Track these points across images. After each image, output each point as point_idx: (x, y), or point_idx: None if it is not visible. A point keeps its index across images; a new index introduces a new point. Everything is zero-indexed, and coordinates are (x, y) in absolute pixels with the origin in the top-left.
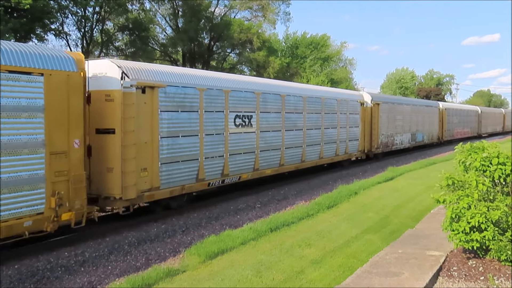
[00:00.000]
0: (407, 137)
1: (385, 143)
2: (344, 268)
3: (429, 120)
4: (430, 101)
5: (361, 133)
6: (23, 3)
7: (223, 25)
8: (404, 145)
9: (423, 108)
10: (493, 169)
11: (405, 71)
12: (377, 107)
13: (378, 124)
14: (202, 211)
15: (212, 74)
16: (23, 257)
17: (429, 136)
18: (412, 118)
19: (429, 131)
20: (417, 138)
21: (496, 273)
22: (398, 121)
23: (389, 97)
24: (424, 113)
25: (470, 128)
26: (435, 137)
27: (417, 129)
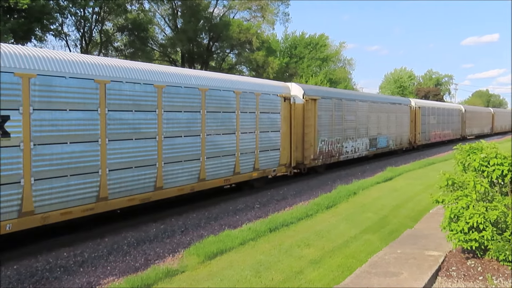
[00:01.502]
0: (363, 143)
1: (328, 152)
2: (343, 268)
3: (396, 121)
4: (398, 98)
5: (284, 139)
6: (21, 3)
7: (222, 26)
8: (359, 153)
9: (387, 106)
10: (491, 169)
11: (403, 71)
12: (313, 104)
13: (315, 126)
14: (201, 211)
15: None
16: (22, 257)
17: (396, 141)
18: (372, 118)
19: (397, 134)
20: (379, 143)
21: (495, 273)
22: (349, 123)
23: (334, 91)
24: (389, 112)
25: (452, 130)
26: (405, 141)
27: (379, 132)
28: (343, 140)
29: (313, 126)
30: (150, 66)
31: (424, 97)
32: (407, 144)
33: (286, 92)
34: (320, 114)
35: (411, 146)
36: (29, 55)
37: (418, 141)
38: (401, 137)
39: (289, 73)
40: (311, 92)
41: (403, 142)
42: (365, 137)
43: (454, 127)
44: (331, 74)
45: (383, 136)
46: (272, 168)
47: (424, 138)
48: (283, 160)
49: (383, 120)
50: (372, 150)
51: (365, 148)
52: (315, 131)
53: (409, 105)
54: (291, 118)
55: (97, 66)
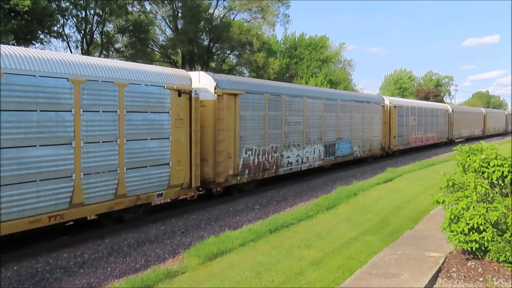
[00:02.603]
0: (315, 150)
1: (259, 164)
2: (343, 269)
3: (363, 123)
4: (367, 95)
5: (179, 151)
6: (21, 5)
7: (222, 27)
8: (309, 163)
9: (350, 104)
10: (491, 170)
11: (403, 72)
12: (232, 101)
13: (235, 131)
14: (202, 212)
15: None
16: (23, 258)
17: (364, 147)
18: (329, 119)
19: (364, 138)
20: (339, 150)
21: (495, 274)
22: (292, 126)
23: (267, 83)
24: (354, 111)
25: (436, 132)
26: (376, 147)
27: (339, 136)
28: (283, 148)
29: (233, 130)
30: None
31: (424, 98)
32: (379, 150)
33: (181, 84)
34: (245, 114)
35: (384, 152)
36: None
37: (393, 146)
38: (370, 142)
39: (289, 74)
40: (228, 84)
41: (373, 148)
42: (319, 144)
43: (440, 129)
44: (331, 75)
45: (345, 141)
46: (156, 191)
47: (402, 142)
48: (176, 180)
49: (345, 121)
50: (329, 159)
51: (318, 157)
52: (236, 138)
53: (382, 103)
54: (191, 120)
55: None
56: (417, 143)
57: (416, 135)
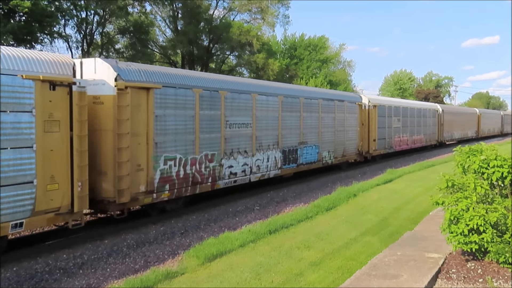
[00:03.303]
0: (270, 157)
1: (187, 177)
2: (343, 270)
3: (335, 124)
4: (340, 92)
5: (51, 163)
6: (21, 6)
7: (222, 27)
8: (261, 173)
9: (316, 102)
10: (491, 171)
11: (403, 73)
12: (143, 97)
13: (149, 135)
14: (201, 213)
15: None
16: (22, 259)
17: (336, 152)
18: (288, 120)
19: (336, 143)
20: (302, 157)
21: (495, 275)
22: (236, 128)
23: (199, 76)
24: (324, 111)
25: (424, 134)
26: (351, 152)
27: (302, 140)
28: (223, 156)
29: (145, 135)
30: None
31: (424, 99)
32: (355, 155)
33: (55, 73)
34: (163, 114)
35: (361, 157)
36: None
37: (373, 150)
38: (343, 147)
39: (289, 74)
40: (137, 75)
41: (347, 153)
42: (274, 149)
43: (428, 131)
44: (331, 76)
45: (311, 146)
46: (11, 221)
47: (383, 146)
48: (47, 203)
49: (310, 123)
50: (290, 168)
51: (274, 165)
52: (150, 144)
53: (359, 102)
54: (72, 122)
55: None
56: (401, 147)
57: (400, 137)
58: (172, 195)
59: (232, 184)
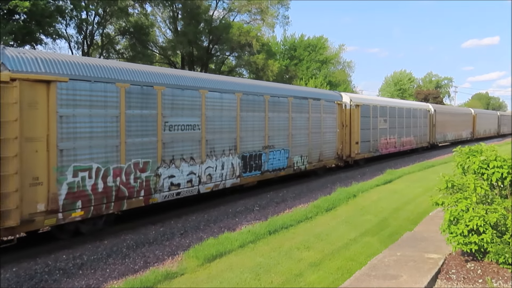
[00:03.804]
0: (225, 165)
1: (106, 191)
2: (342, 271)
3: (309, 125)
4: (315, 90)
5: None
6: (21, 6)
7: (222, 28)
8: (213, 183)
9: (287, 101)
10: (491, 172)
11: (403, 74)
12: (42, 94)
13: (49, 140)
14: (201, 214)
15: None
16: (22, 260)
17: (311, 156)
18: (249, 121)
19: (311, 146)
20: (268, 163)
21: (495, 276)
22: (179, 131)
23: (124, 68)
24: (296, 111)
25: (414, 136)
26: (329, 156)
27: (267, 144)
28: (160, 164)
29: (44, 139)
30: None
31: (424, 100)
32: (334, 160)
33: None
34: (72, 114)
35: (342, 162)
36: None
37: (355, 154)
38: (320, 151)
39: (289, 75)
40: (33, 64)
41: (325, 158)
42: (231, 155)
43: (419, 132)
44: (331, 77)
45: (279, 150)
46: None
47: (368, 149)
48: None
49: (278, 124)
50: (252, 176)
51: (231, 173)
52: (51, 151)
53: (338, 101)
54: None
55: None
56: (389, 149)
57: (387, 139)
58: (88, 213)
59: (174, 197)
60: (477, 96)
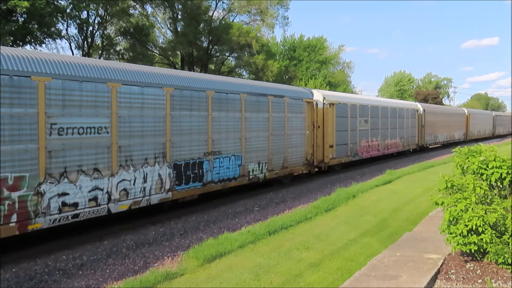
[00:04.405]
0: (148, 176)
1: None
2: (342, 271)
3: (269, 126)
4: (279, 86)
5: None
6: (20, 6)
7: (222, 29)
8: (132, 199)
9: (238, 98)
10: (490, 172)
11: (403, 74)
12: None
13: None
14: (200, 214)
15: None
16: (21, 260)
17: (273, 163)
18: (184, 122)
19: (272, 151)
20: (213, 172)
21: (494, 276)
22: (74, 135)
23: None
24: (252, 110)
25: (401, 138)
26: (297, 162)
27: (211, 150)
28: (43, 178)
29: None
30: None
31: (423, 100)
32: (302, 166)
33: None
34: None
35: (312, 168)
36: None
37: (329, 159)
38: (284, 156)
39: (288, 76)
40: None
41: (291, 164)
42: (159, 164)
43: (406, 133)
44: (330, 77)
45: (228, 156)
46: None
47: (345, 153)
48: None
49: (227, 125)
50: (189, 189)
51: (160, 186)
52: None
53: (307, 99)
54: None
55: None
56: (370, 153)
57: (369, 142)
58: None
59: (70, 220)
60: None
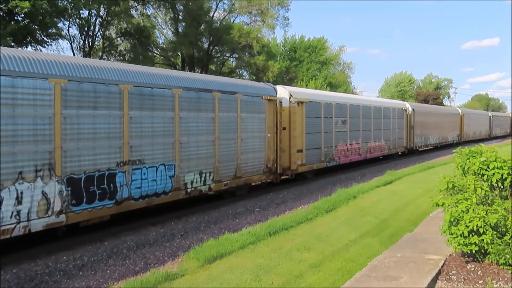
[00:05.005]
0: (25, 195)
1: None
2: (343, 272)
3: (214, 129)
4: (227, 80)
5: None
6: (20, 7)
7: (223, 29)
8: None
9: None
10: (491, 173)
11: (403, 75)
12: None
13: None
14: (201, 215)
15: None
16: (22, 261)
17: (220, 172)
18: (88, 124)
19: (222, 157)
20: (130, 187)
21: (495, 277)
22: None
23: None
24: (191, 108)
25: (387, 140)
26: (254, 170)
27: (128, 159)
28: None
29: None
30: None
31: (424, 101)
32: (262, 174)
33: None
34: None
35: (275, 177)
36: None
37: (298, 165)
38: (236, 163)
39: (289, 76)
40: None
41: (247, 172)
42: (41, 179)
43: (392, 135)
44: (331, 78)
45: (154, 166)
46: None
47: (318, 158)
48: None
49: (153, 127)
50: (95, 209)
51: (43, 209)
52: None
53: (269, 97)
54: None
55: None
56: (350, 158)
57: (347, 145)
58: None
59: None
60: (477, 97)
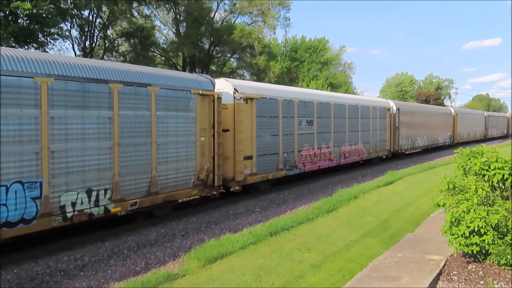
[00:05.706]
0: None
1: None
2: (343, 272)
3: (112, 132)
4: (123, 66)
5: None
6: (22, 8)
7: (224, 30)
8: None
9: (23, 83)
10: (492, 173)
11: (404, 76)
12: None
13: None
14: (202, 215)
15: None
16: (23, 261)
17: (128, 187)
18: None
19: (127, 169)
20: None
21: (496, 277)
22: None
23: None
24: (67, 105)
25: (366, 143)
26: (180, 182)
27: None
28: None
29: None
30: None
31: (425, 101)
32: (192, 188)
33: None
34: None
35: (212, 190)
36: None
37: (245, 175)
38: (151, 176)
39: (290, 77)
40: None
41: (168, 187)
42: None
43: (373, 137)
44: (332, 78)
45: (5, 184)
46: None
47: (275, 166)
48: None
49: (18, 129)
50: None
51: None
52: None
53: (203, 91)
54: None
55: None
56: (318, 164)
57: (314, 150)
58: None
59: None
60: (478, 98)
